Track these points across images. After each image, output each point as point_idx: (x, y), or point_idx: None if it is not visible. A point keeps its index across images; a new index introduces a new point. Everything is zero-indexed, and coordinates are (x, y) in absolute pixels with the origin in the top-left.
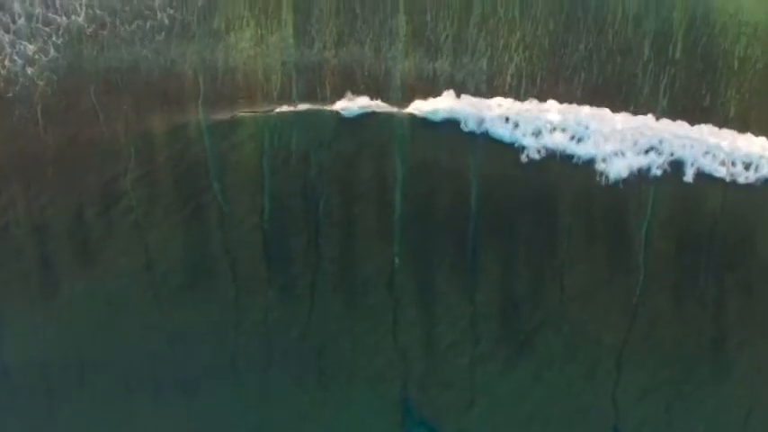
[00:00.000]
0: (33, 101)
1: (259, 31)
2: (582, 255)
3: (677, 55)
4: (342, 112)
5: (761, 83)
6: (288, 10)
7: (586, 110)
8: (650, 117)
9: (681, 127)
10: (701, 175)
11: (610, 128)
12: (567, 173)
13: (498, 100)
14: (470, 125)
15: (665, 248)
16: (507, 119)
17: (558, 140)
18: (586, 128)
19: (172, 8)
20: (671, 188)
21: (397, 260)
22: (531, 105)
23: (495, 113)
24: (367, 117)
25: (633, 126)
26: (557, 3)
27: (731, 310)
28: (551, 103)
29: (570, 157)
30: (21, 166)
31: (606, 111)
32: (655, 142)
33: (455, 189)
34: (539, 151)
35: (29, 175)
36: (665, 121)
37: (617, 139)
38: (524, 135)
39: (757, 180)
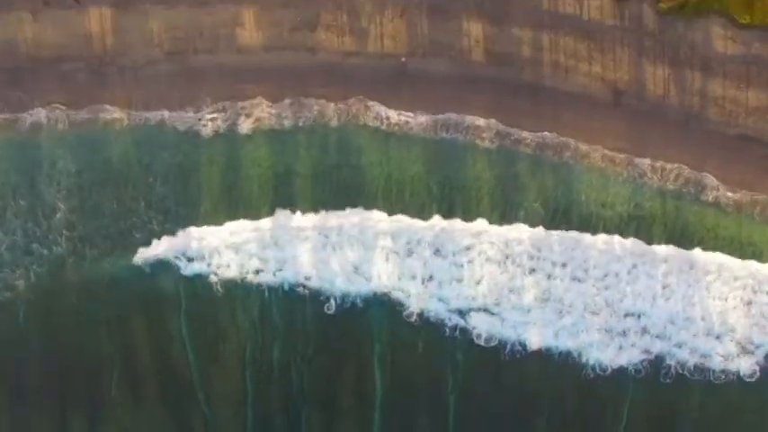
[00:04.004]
0: (17, 314)
1: None
2: None
3: None
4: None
5: None
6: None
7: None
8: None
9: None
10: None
11: (588, 324)
12: (546, 372)
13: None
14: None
15: None
16: (491, 315)
17: (539, 337)
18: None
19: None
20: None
21: None
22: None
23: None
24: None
25: (612, 325)
26: (536, 219)
27: None
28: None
29: (550, 354)
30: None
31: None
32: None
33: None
34: (521, 344)
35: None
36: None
37: (594, 334)
38: (506, 330)
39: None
